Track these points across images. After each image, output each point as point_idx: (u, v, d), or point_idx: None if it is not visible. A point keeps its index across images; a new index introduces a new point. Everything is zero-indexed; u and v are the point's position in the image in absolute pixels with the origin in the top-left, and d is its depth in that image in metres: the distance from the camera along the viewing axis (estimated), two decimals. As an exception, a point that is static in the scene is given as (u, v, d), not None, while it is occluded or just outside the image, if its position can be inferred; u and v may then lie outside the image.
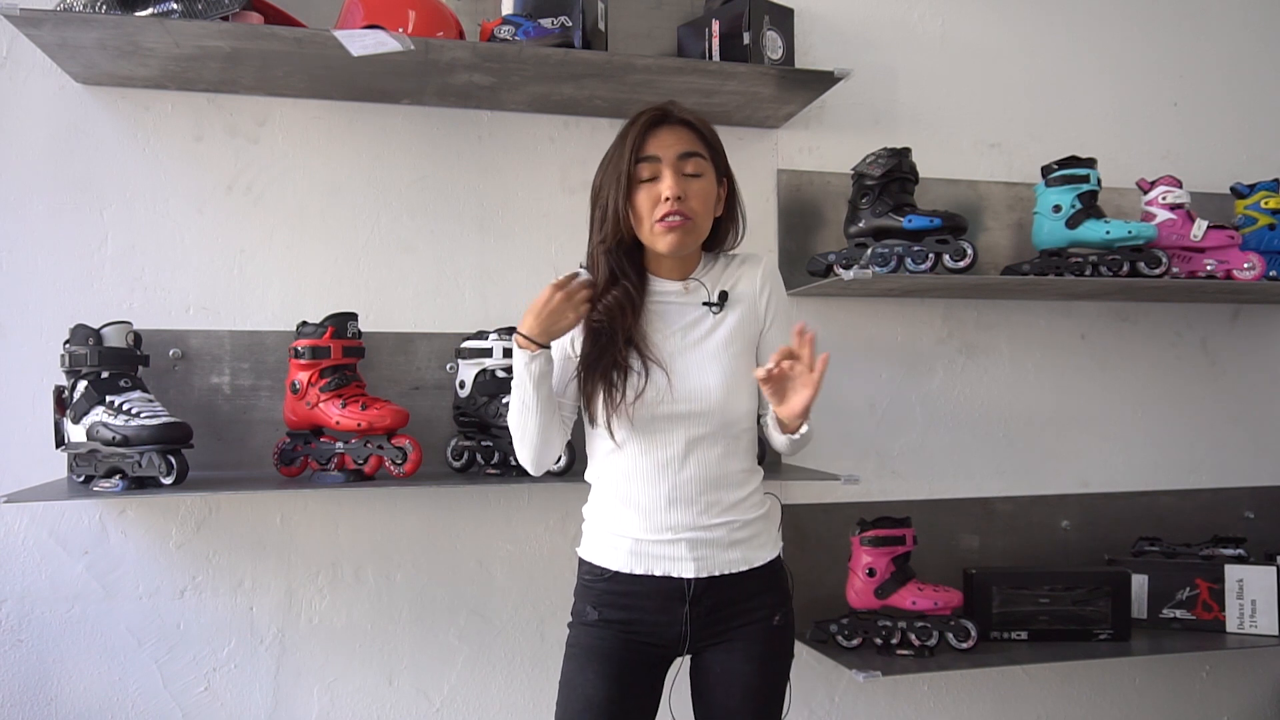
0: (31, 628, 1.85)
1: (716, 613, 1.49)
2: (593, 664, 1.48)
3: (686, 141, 1.48)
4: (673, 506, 1.47)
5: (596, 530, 1.55)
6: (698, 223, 1.48)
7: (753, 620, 1.51)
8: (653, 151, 1.47)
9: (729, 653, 1.50)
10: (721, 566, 1.48)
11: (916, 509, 2.14)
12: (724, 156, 1.54)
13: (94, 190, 1.89)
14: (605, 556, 1.51)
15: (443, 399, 1.97)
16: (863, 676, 1.87)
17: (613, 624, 1.49)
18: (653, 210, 1.46)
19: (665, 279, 1.54)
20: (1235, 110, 2.52)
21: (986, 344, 2.33)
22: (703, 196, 1.48)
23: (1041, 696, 2.34)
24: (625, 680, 1.48)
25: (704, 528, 1.47)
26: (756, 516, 1.53)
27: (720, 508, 1.49)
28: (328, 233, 1.99)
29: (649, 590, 1.48)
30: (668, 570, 1.47)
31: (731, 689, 1.51)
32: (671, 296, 1.53)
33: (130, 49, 1.72)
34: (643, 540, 1.48)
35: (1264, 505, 2.45)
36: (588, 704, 1.46)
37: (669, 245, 1.48)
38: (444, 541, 2.03)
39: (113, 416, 1.65)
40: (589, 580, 1.54)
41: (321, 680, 1.97)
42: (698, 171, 1.48)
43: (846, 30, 2.27)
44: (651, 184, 1.47)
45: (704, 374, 1.48)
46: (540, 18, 1.83)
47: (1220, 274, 2.16)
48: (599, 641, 1.49)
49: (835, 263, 2.07)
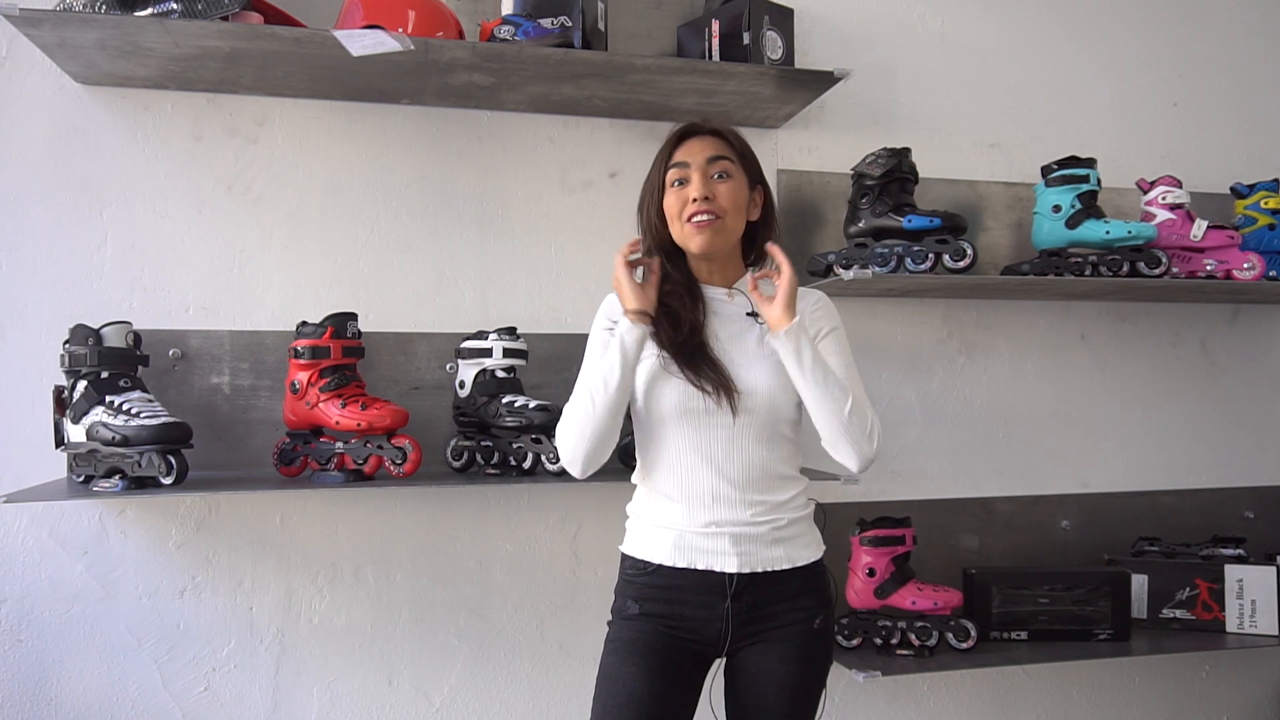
0: (31, 628, 1.85)
1: (757, 611, 1.49)
2: (635, 658, 1.48)
3: (714, 148, 1.53)
4: (717, 501, 1.48)
5: (640, 525, 1.56)
6: (726, 222, 1.51)
7: (792, 622, 1.51)
8: (681, 158, 1.52)
9: (766, 654, 1.50)
10: (764, 563, 1.49)
11: (916, 509, 2.14)
12: (757, 165, 1.58)
13: (94, 190, 1.89)
14: (648, 550, 1.52)
15: (442, 399, 1.97)
16: (863, 676, 1.87)
17: (654, 618, 1.50)
18: (681, 212, 1.51)
19: (709, 284, 1.57)
20: (1235, 110, 2.52)
21: (986, 344, 2.33)
22: (731, 196, 1.51)
23: (1041, 696, 2.34)
24: (667, 675, 1.48)
25: (747, 523, 1.48)
26: (800, 516, 1.55)
27: (765, 506, 1.49)
28: (328, 233, 1.99)
29: (691, 584, 1.49)
30: (710, 564, 1.48)
31: (766, 690, 1.51)
32: (717, 303, 1.56)
33: (130, 49, 1.72)
34: (685, 533, 1.49)
35: (1264, 505, 2.45)
36: (630, 697, 1.46)
37: (699, 245, 1.51)
38: (444, 541, 2.03)
39: (112, 416, 1.65)
40: (631, 574, 1.54)
41: (321, 680, 1.97)
42: (726, 173, 1.51)
43: (846, 30, 2.27)
44: (681, 188, 1.51)
45: (752, 372, 1.49)
46: (540, 18, 1.83)
47: (1220, 274, 2.16)
48: (640, 635, 1.50)
49: (835, 263, 2.07)
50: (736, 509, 1.48)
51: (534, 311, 2.06)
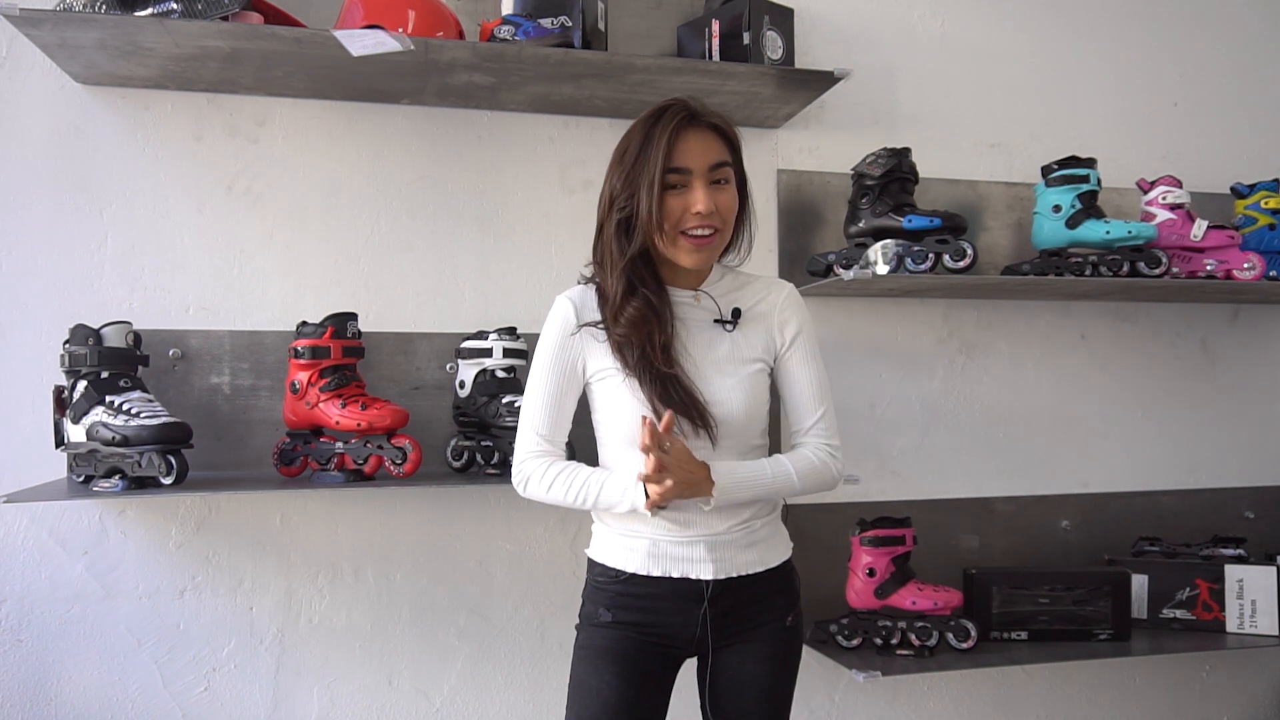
0: (31, 628, 1.85)
1: (732, 614, 1.49)
2: (609, 666, 1.47)
3: (716, 151, 1.46)
4: (690, 509, 1.46)
5: (609, 531, 1.53)
6: (722, 235, 1.48)
7: (766, 621, 1.51)
8: (684, 163, 1.43)
9: (741, 655, 1.50)
10: (739, 568, 1.49)
11: (916, 509, 2.14)
12: (742, 159, 1.52)
13: (94, 190, 1.89)
14: (620, 558, 1.50)
15: (443, 399, 1.97)
16: (863, 676, 1.87)
17: (627, 625, 1.48)
18: (679, 220, 1.44)
19: (678, 288, 1.52)
20: (1235, 110, 2.51)
21: (986, 344, 2.33)
22: (729, 205, 1.47)
23: (1041, 696, 2.34)
24: (641, 682, 1.47)
25: (721, 531, 1.48)
26: (771, 517, 1.55)
27: (737, 511, 1.49)
28: (328, 233, 1.99)
29: (666, 592, 1.48)
30: (686, 572, 1.47)
31: (745, 691, 1.51)
32: (684, 307, 1.52)
33: (130, 49, 1.72)
34: (660, 541, 1.47)
35: (1264, 505, 2.45)
36: (604, 706, 1.45)
37: (694, 261, 1.47)
38: (444, 541, 2.03)
39: (112, 416, 1.65)
40: (602, 582, 1.52)
41: (321, 680, 1.97)
42: (725, 179, 1.47)
43: (846, 30, 2.27)
44: (680, 193, 1.44)
45: (725, 390, 1.47)
46: (540, 18, 1.83)
47: (1220, 274, 2.16)
48: (613, 643, 1.48)
49: (835, 263, 2.07)
50: (710, 518, 1.47)
51: (534, 311, 2.06)
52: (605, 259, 1.49)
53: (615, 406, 1.47)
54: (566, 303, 1.51)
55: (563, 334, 1.50)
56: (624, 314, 1.45)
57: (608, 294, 1.48)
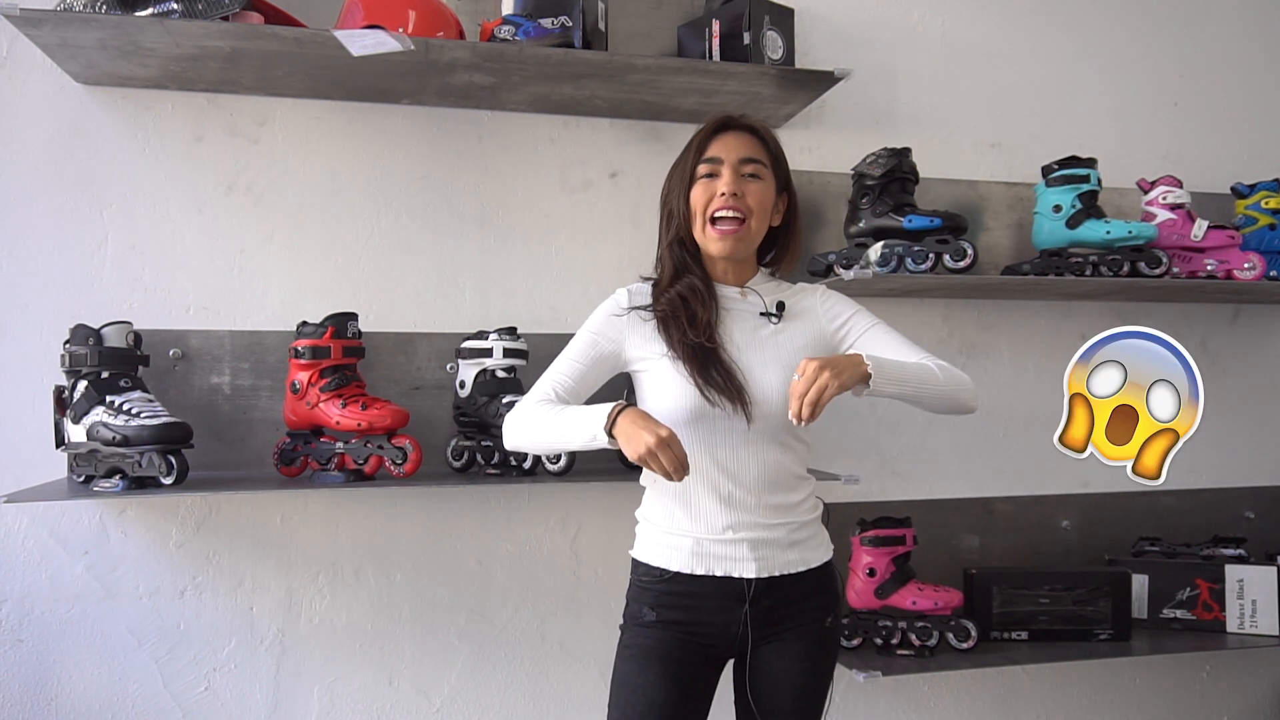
0: (31, 628, 1.85)
1: (773, 613, 1.50)
2: (653, 666, 1.47)
3: (749, 147, 1.52)
4: (732, 506, 1.48)
5: (653, 531, 1.55)
6: (750, 225, 1.50)
7: (805, 621, 1.52)
8: (715, 153, 1.50)
9: (780, 653, 1.51)
10: (781, 567, 1.50)
11: (916, 509, 2.14)
12: (787, 169, 1.57)
13: (94, 190, 1.89)
14: (664, 557, 1.51)
15: (443, 399, 1.97)
16: (863, 676, 1.87)
17: (671, 625, 1.49)
18: (706, 206, 1.49)
19: (722, 283, 1.56)
20: (1235, 110, 2.51)
21: (986, 344, 2.33)
22: (759, 197, 1.50)
23: (1041, 696, 2.34)
24: (686, 682, 1.48)
25: (764, 527, 1.49)
26: (812, 519, 1.56)
27: (780, 510, 1.50)
28: (328, 233, 1.99)
29: (709, 591, 1.48)
30: (729, 570, 1.48)
31: (781, 688, 1.51)
32: (730, 301, 1.55)
33: (130, 49, 1.72)
34: (704, 540, 1.48)
35: (1264, 505, 2.45)
36: (650, 706, 1.46)
37: (720, 251, 1.51)
38: (444, 541, 2.03)
39: (113, 416, 1.65)
40: (646, 582, 1.53)
41: (321, 680, 1.97)
42: (756, 175, 1.51)
43: (846, 30, 2.27)
44: (709, 180, 1.50)
45: (766, 375, 1.48)
46: (540, 18, 1.82)
47: (1220, 274, 2.16)
48: (658, 643, 1.49)
49: (835, 263, 2.07)
50: (753, 514, 1.48)
51: (534, 311, 2.06)
52: (659, 250, 1.58)
53: (660, 390, 1.49)
54: (623, 290, 1.58)
55: (610, 312, 1.55)
56: (669, 293, 1.51)
57: (660, 282, 1.55)
